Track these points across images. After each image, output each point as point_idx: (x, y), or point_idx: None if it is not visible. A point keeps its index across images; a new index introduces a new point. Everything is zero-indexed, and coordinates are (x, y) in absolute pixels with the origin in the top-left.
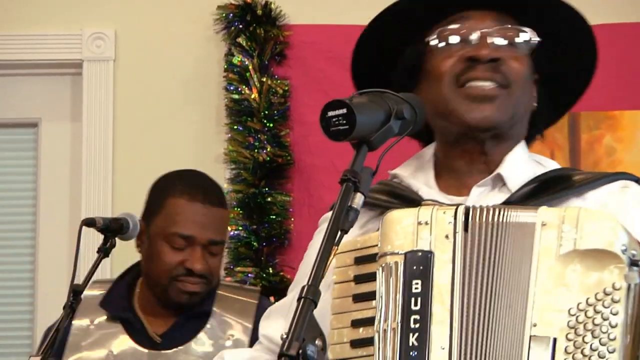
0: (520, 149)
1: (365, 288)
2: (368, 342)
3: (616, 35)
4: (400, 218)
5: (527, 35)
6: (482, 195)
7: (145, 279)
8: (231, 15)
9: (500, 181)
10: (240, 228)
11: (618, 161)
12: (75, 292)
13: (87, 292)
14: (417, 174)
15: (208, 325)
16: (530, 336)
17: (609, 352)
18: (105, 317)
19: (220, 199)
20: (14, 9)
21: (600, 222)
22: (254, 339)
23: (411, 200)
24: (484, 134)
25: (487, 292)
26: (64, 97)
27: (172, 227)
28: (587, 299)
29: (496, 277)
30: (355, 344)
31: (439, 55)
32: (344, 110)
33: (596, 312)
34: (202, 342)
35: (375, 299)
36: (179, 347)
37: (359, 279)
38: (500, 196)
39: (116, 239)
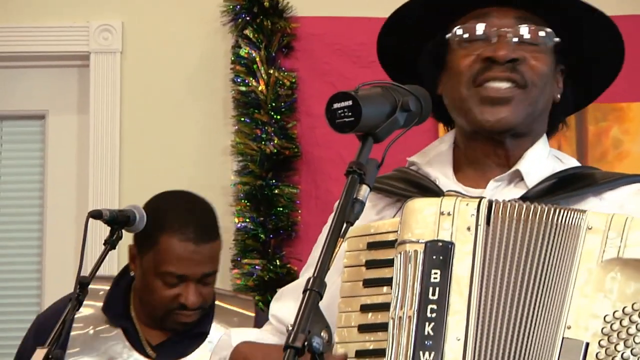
0: (541, 144)
1: (376, 274)
2: (376, 327)
3: (622, 28)
4: (422, 207)
5: (546, 34)
6: (498, 190)
7: (140, 302)
8: (238, 7)
9: (518, 176)
10: (248, 220)
11: (625, 153)
12: (82, 284)
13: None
14: (435, 163)
15: (204, 344)
16: (563, 338)
17: None
18: (106, 325)
19: (213, 232)
20: (21, 1)
21: None
22: None
23: (429, 189)
24: (500, 135)
25: (516, 287)
26: (71, 89)
27: (165, 266)
28: (624, 307)
29: (529, 274)
30: (363, 328)
31: (458, 52)
32: (350, 102)
33: (631, 322)
34: (200, 356)
35: (385, 285)
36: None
37: (370, 264)
38: (516, 191)
39: (123, 231)
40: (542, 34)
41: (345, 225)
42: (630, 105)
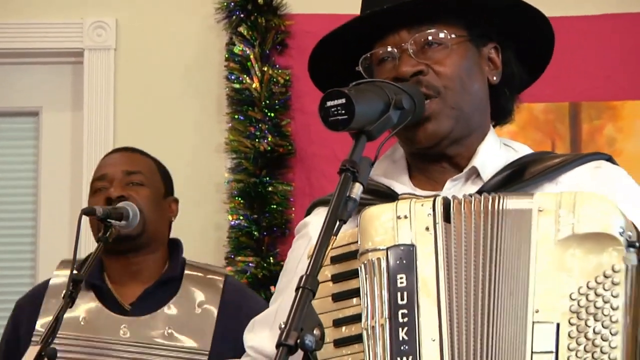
0: (491, 137)
1: (344, 286)
2: (351, 340)
3: (617, 26)
4: (379, 214)
5: (444, 33)
6: (456, 189)
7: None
8: (232, 4)
9: (474, 173)
10: (241, 217)
11: (619, 151)
12: (75, 281)
13: (57, 272)
14: (390, 173)
15: (177, 295)
16: (533, 322)
17: (612, 335)
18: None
19: (137, 150)
20: None
21: (596, 205)
22: (222, 312)
23: (386, 195)
24: (437, 147)
25: (478, 280)
26: (65, 86)
27: (92, 180)
28: (588, 282)
29: (489, 266)
30: (339, 343)
31: (375, 77)
32: (343, 100)
33: (597, 295)
34: (171, 308)
35: (355, 296)
36: (150, 314)
37: (336, 278)
38: (473, 188)
39: (116, 228)
40: (440, 34)
41: (338, 223)
42: (624, 103)
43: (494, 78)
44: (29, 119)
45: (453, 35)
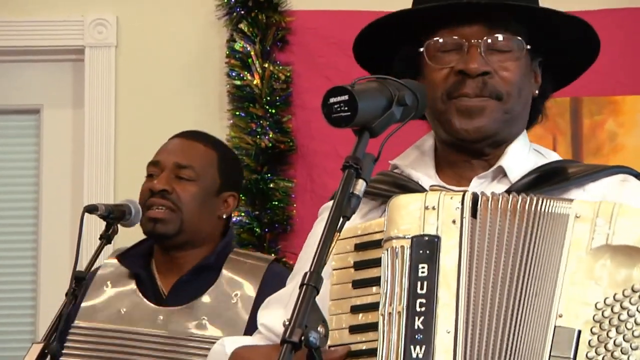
0: (522, 140)
1: (365, 274)
2: (367, 327)
3: (618, 21)
4: (407, 203)
5: (516, 41)
6: (482, 186)
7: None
8: (233, 1)
9: (501, 173)
10: (243, 214)
11: (620, 146)
12: (78, 278)
13: (107, 260)
14: (417, 164)
15: (215, 285)
16: (555, 326)
17: (632, 349)
18: (123, 281)
19: (203, 138)
20: None
21: (634, 218)
22: (259, 299)
23: (413, 190)
24: (479, 144)
25: (498, 278)
26: (66, 83)
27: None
28: (615, 294)
29: (517, 264)
30: (354, 329)
31: (432, 64)
32: (346, 97)
33: (622, 308)
34: (207, 298)
35: (374, 285)
36: (186, 304)
37: (358, 266)
38: (500, 187)
39: (118, 225)
40: (512, 41)
41: (342, 219)
42: (625, 98)
43: (536, 92)
44: (30, 117)
45: (524, 45)
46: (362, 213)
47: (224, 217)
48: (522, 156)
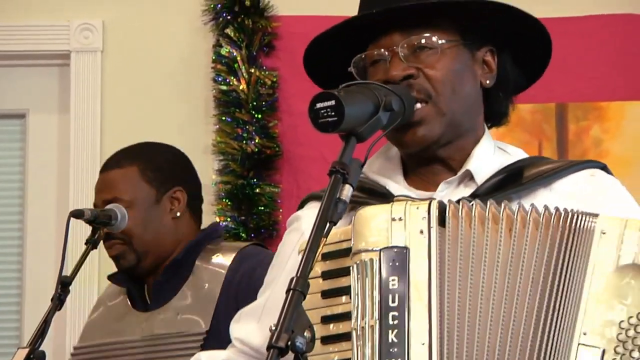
0: (486, 140)
1: (333, 284)
2: (339, 338)
3: (604, 26)
4: (374, 215)
5: (434, 38)
6: (449, 191)
7: None
8: (219, 6)
9: (467, 176)
10: (229, 219)
11: (605, 152)
12: (63, 283)
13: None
14: (384, 171)
15: (189, 279)
16: (579, 344)
17: None
18: (116, 297)
19: (118, 161)
20: (1, 1)
21: None
22: (230, 274)
23: (380, 194)
24: (427, 151)
25: (473, 287)
26: (51, 88)
27: None
28: (639, 314)
29: (491, 273)
30: (326, 340)
31: (364, 79)
32: (333, 102)
33: None
34: (184, 296)
35: (344, 294)
36: (164, 305)
37: (327, 275)
38: (467, 191)
39: (104, 230)
40: (433, 39)
41: (328, 225)
42: (610, 104)
43: (487, 81)
44: (16, 122)
45: (444, 40)
46: None
47: (178, 214)
48: (487, 157)
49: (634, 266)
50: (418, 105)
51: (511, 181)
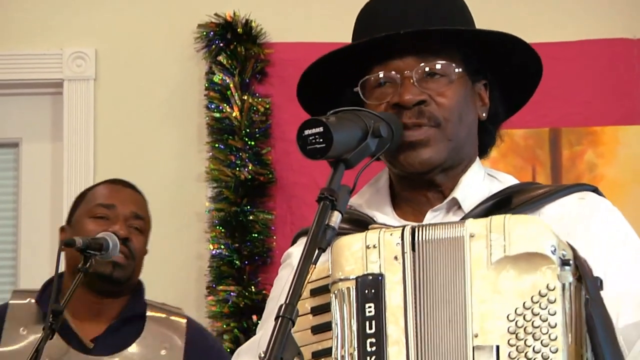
0: (475, 168)
1: (322, 319)
2: None
3: (597, 51)
4: (350, 243)
5: (449, 66)
6: (437, 219)
7: (74, 274)
8: (212, 33)
9: (455, 204)
10: (222, 246)
11: (600, 177)
12: (55, 312)
13: (14, 301)
14: (373, 202)
15: (142, 336)
16: (473, 347)
17: (552, 352)
18: (40, 325)
19: (133, 186)
20: None
21: (526, 226)
22: (188, 353)
23: (367, 225)
24: (428, 174)
25: (432, 308)
26: (44, 116)
27: (93, 202)
28: (524, 303)
29: (438, 293)
30: None
31: (369, 101)
32: (321, 129)
33: (534, 314)
34: (136, 349)
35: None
36: (116, 355)
37: (315, 311)
38: (455, 219)
39: (96, 258)
40: (445, 67)
41: (317, 251)
42: (604, 129)
43: (483, 114)
44: (9, 150)
45: (457, 69)
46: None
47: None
48: (475, 185)
49: (506, 258)
50: (421, 130)
51: (499, 207)
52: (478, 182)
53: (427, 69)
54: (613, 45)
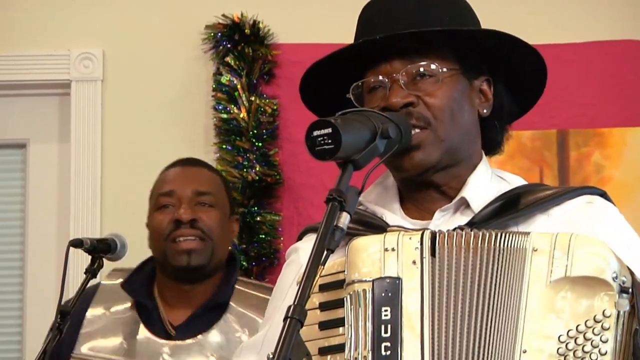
0: (483, 167)
1: (330, 315)
2: None
3: (604, 53)
4: (367, 245)
5: (434, 66)
6: (445, 219)
7: (157, 264)
8: (219, 34)
9: (463, 204)
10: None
11: (607, 178)
12: (63, 313)
13: (105, 281)
14: (381, 200)
15: (223, 320)
16: None
17: None
18: (122, 305)
19: (204, 164)
20: (0, 30)
21: (591, 248)
22: None
23: (376, 226)
24: (424, 175)
25: (462, 316)
26: (52, 117)
27: (156, 194)
28: (577, 326)
29: (476, 302)
30: None
31: (365, 105)
32: (329, 130)
33: (586, 339)
34: (216, 335)
35: (341, 326)
36: (193, 339)
37: (324, 307)
38: (463, 218)
39: (104, 259)
40: (433, 67)
41: (325, 252)
42: (611, 130)
43: (484, 111)
44: (16, 151)
45: (444, 69)
46: None
47: (232, 242)
48: (484, 185)
49: (566, 279)
50: (417, 130)
51: (508, 208)
52: (486, 182)
53: (413, 70)
54: (620, 46)
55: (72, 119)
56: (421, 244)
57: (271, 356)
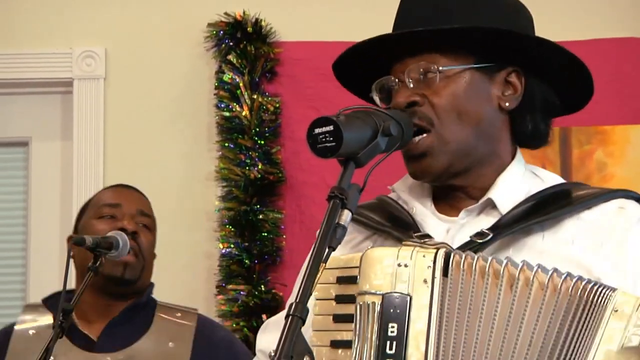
0: (515, 166)
1: (345, 309)
2: None
3: (607, 50)
4: (381, 257)
5: (440, 63)
6: (470, 218)
7: (82, 277)
8: (221, 32)
9: (489, 204)
10: (232, 246)
11: (609, 176)
12: (65, 311)
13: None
14: (414, 191)
15: (151, 328)
16: None
17: None
18: (44, 322)
19: (135, 189)
20: (3, 28)
21: None
22: (197, 346)
23: (405, 223)
24: (439, 181)
25: (469, 341)
26: (54, 115)
27: (99, 204)
28: None
29: (487, 328)
30: None
31: (381, 105)
32: (331, 127)
33: None
34: (145, 344)
35: (353, 321)
36: (122, 349)
37: (339, 299)
38: (488, 219)
39: (106, 257)
40: (439, 64)
41: (327, 250)
42: (614, 128)
43: (507, 104)
44: (19, 149)
45: (452, 66)
46: (355, 242)
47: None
48: (514, 185)
49: (638, 349)
50: (421, 136)
51: (536, 211)
52: (517, 182)
53: (417, 69)
54: (622, 44)
55: (74, 117)
56: (434, 262)
57: (273, 354)
